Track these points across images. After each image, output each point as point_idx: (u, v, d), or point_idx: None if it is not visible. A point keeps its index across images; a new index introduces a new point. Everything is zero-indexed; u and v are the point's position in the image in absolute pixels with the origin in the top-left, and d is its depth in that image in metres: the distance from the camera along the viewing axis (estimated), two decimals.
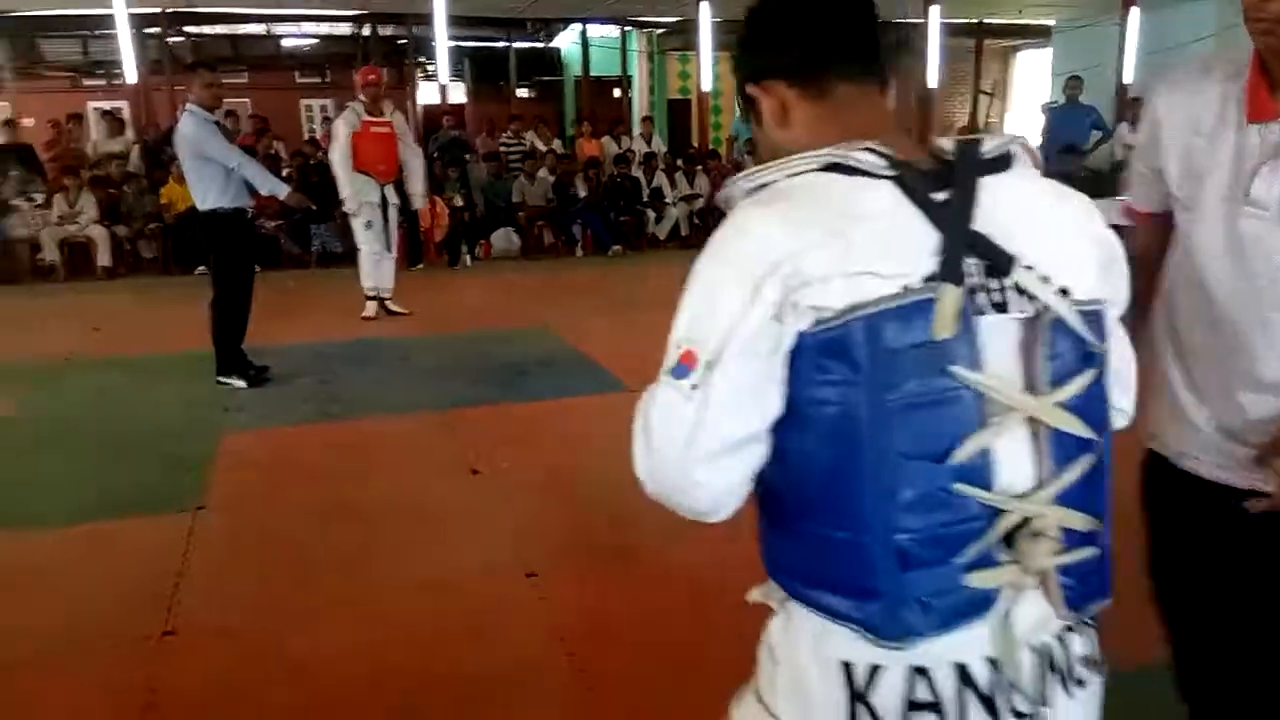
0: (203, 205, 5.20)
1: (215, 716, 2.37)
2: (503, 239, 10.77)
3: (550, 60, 20.04)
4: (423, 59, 16.90)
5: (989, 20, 17.00)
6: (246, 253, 5.56)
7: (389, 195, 6.99)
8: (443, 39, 11.84)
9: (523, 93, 19.42)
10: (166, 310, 7.68)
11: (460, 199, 10.18)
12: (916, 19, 13.01)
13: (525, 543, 3.29)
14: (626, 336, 5.32)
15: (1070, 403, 0.94)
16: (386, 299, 7.21)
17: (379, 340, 6.52)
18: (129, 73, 11.49)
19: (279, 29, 17.98)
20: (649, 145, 12.09)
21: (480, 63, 18.78)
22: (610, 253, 10.45)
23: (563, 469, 4.00)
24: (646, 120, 13.43)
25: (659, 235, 10.98)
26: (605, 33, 17.18)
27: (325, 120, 15.52)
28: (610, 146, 11.89)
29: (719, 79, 13.94)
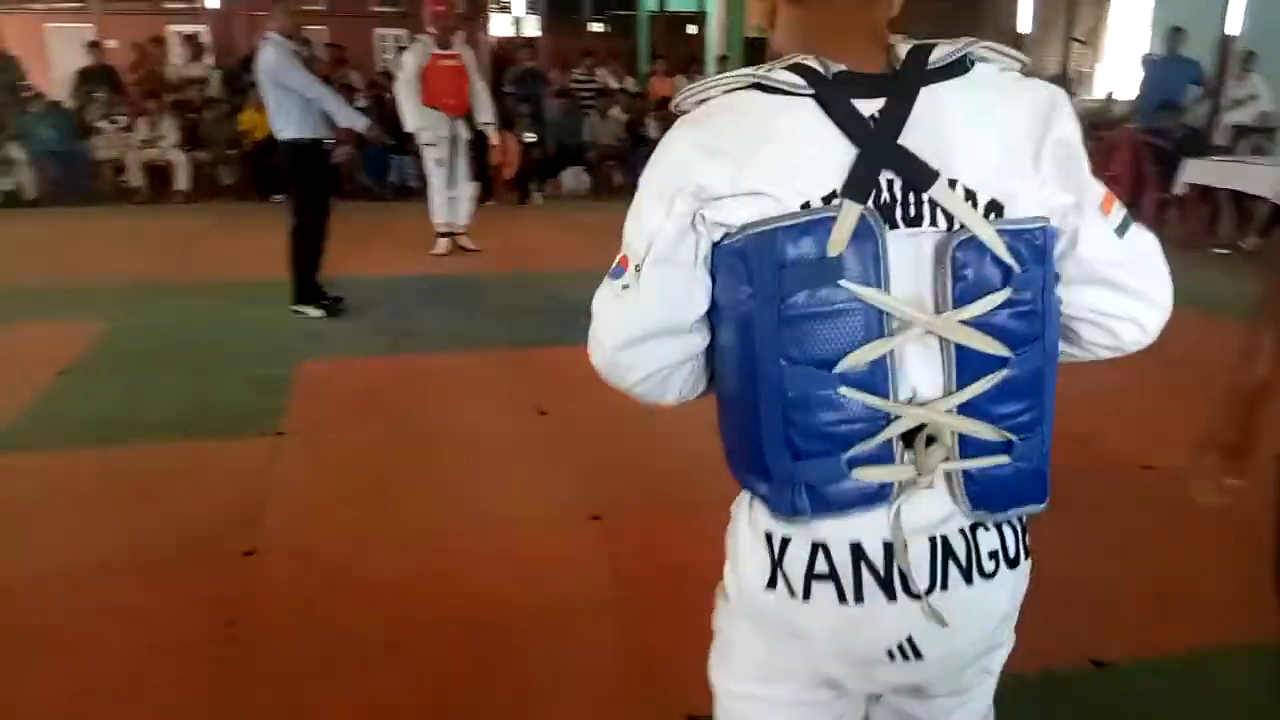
0: (281, 135, 5.26)
1: (294, 633, 2.48)
2: (572, 178, 10.76)
3: None
4: None
5: None
6: (323, 184, 5.63)
7: (458, 130, 6.97)
8: None
9: (596, 27, 19.18)
10: (244, 236, 7.87)
11: (532, 135, 10.16)
12: None
13: (590, 485, 3.34)
14: None
15: (978, 320, 0.96)
16: (460, 234, 7.24)
17: (449, 276, 6.61)
18: None
19: None
20: None
21: None
22: None
23: (628, 413, 3.99)
24: (722, 59, 13.18)
25: None
26: None
27: (398, 49, 15.54)
28: (683, 85, 11.70)
29: None
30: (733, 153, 0.96)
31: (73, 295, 5.96)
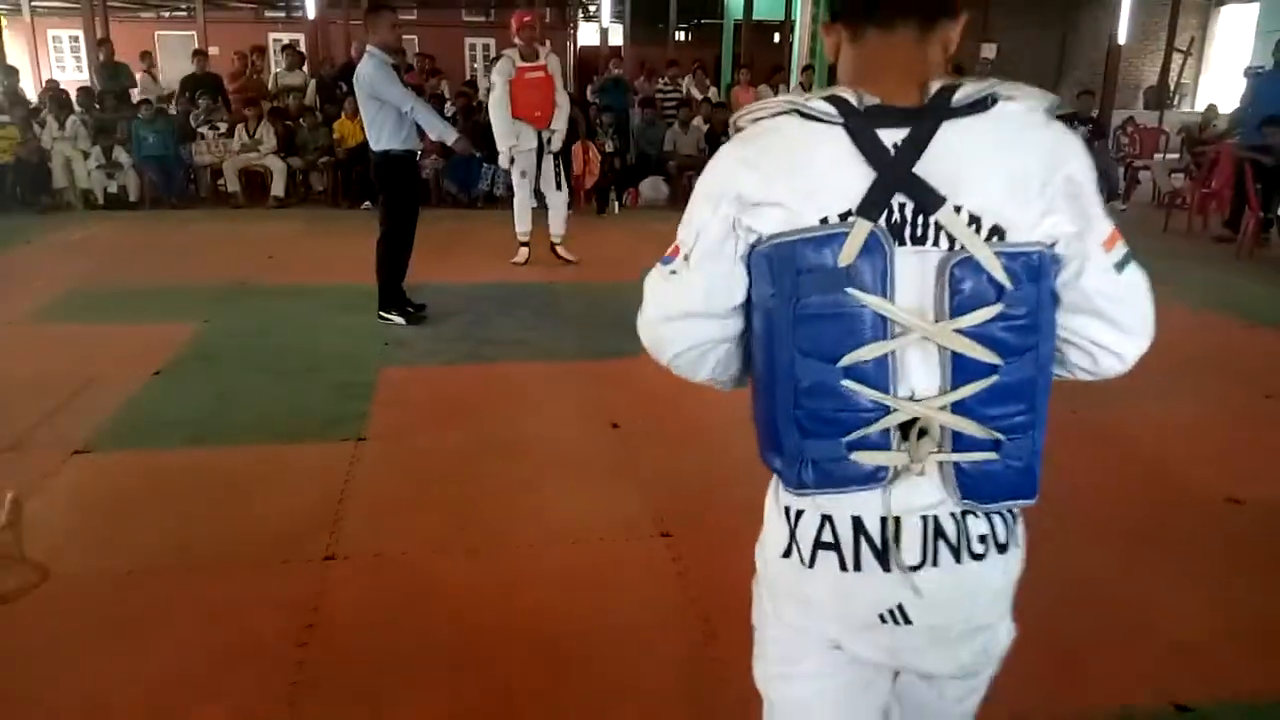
0: (376, 145, 5.39)
1: (371, 639, 2.54)
2: (651, 188, 10.79)
3: (712, 3, 19.71)
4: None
5: None
6: (413, 195, 5.77)
7: (545, 141, 6.96)
8: None
9: (680, 36, 19.21)
10: (333, 242, 8.10)
11: (612, 145, 10.22)
12: None
13: (660, 501, 3.35)
14: None
15: (971, 330, 1.10)
16: (557, 245, 7.27)
17: (528, 285, 6.70)
18: (310, 6, 11.99)
19: None
20: None
21: (640, 4, 18.66)
22: None
23: (701, 430, 4.04)
24: (807, 69, 13.05)
25: None
26: None
27: (486, 59, 15.82)
28: (768, 95, 11.66)
29: None
30: (766, 168, 1.14)
31: (169, 297, 6.22)
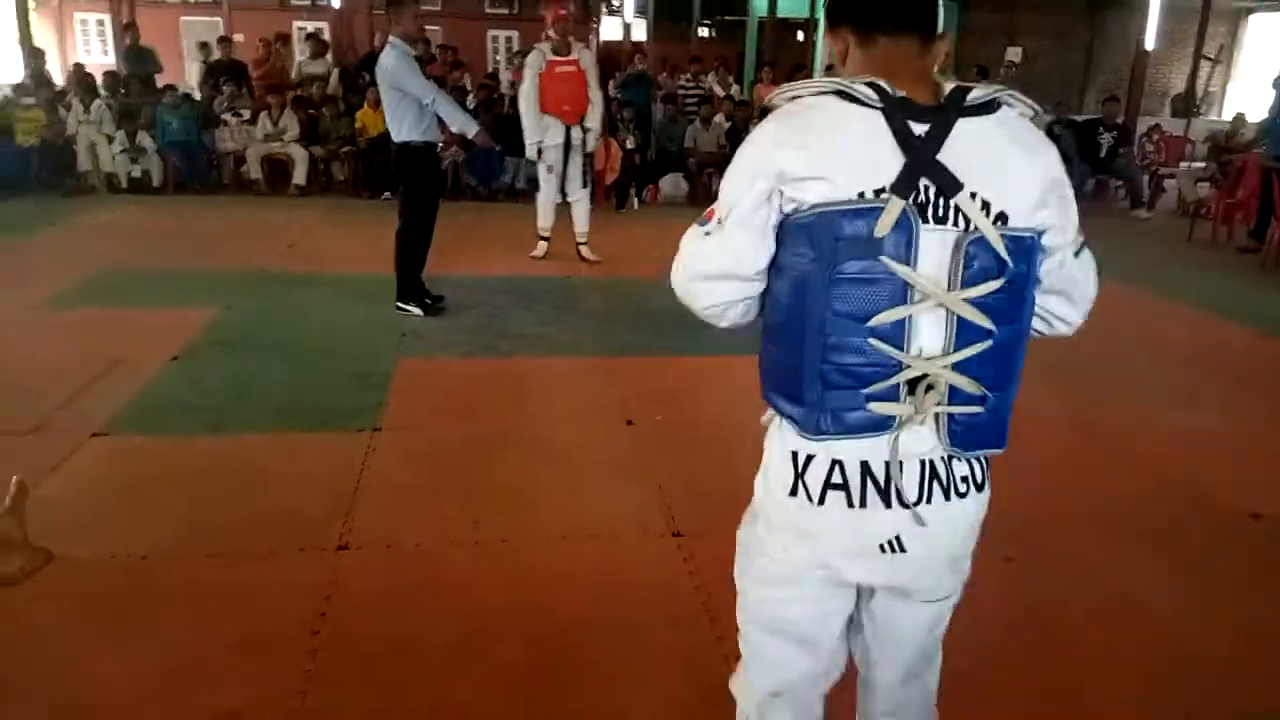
0: (397, 136, 5.40)
1: (381, 629, 2.55)
2: (670, 184, 10.77)
3: None
4: None
5: None
6: (434, 186, 5.78)
7: (574, 137, 6.82)
8: None
9: (704, 32, 19.15)
10: (353, 232, 8.13)
11: (633, 141, 10.20)
12: None
13: (674, 501, 3.35)
14: None
15: (977, 300, 1.26)
16: (580, 244, 7.21)
17: (546, 279, 6.70)
18: None
19: None
20: None
21: (663, 0, 18.62)
22: None
23: (716, 428, 4.03)
24: (829, 68, 13.02)
25: None
26: None
27: (509, 51, 15.83)
28: None
29: None
30: (811, 144, 1.26)
31: (189, 282, 6.26)
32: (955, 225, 1.25)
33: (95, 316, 5.44)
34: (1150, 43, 12.67)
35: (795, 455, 1.36)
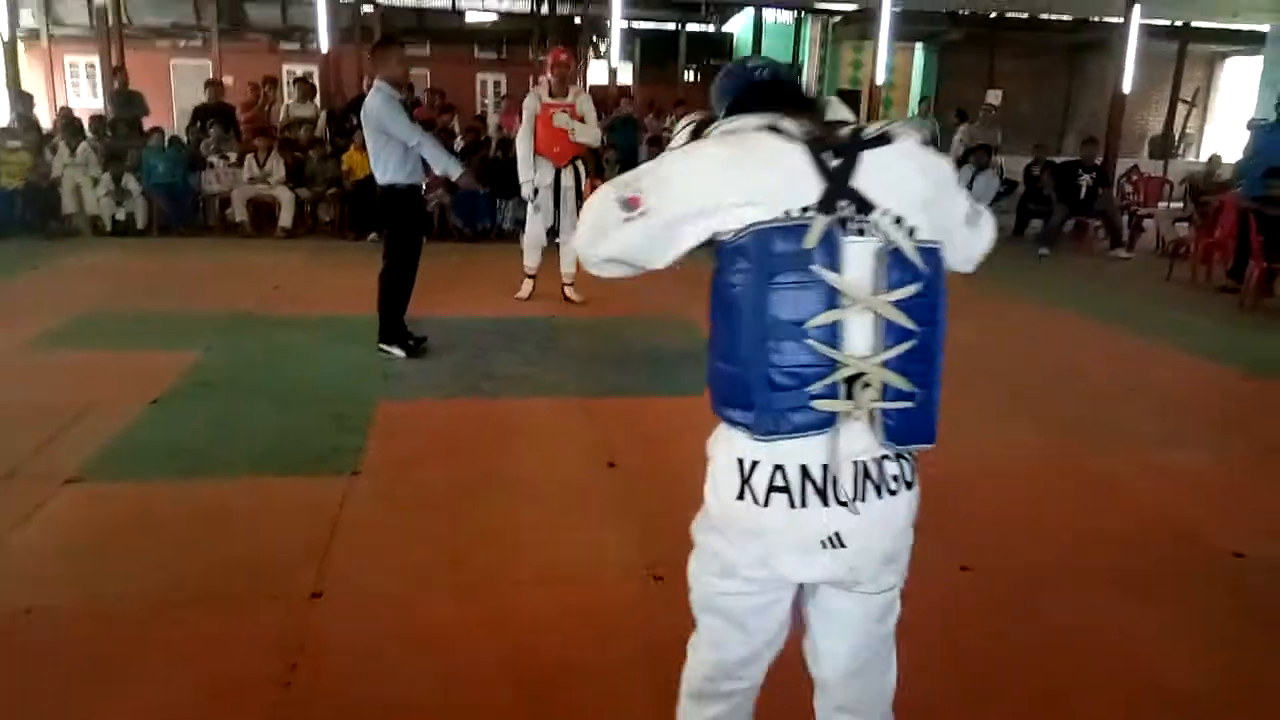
0: (381, 179, 5.42)
1: (356, 680, 2.50)
2: None
3: (720, 44, 19.94)
4: (595, 38, 17.11)
5: (1196, 23, 15.80)
6: (418, 227, 5.78)
7: (564, 178, 6.87)
8: (617, 19, 11.97)
9: (689, 76, 19.40)
10: (338, 273, 8.12)
11: None
12: (1115, 18, 12.22)
13: (655, 544, 3.31)
14: None
15: (899, 303, 1.41)
16: (566, 285, 7.22)
17: (530, 319, 6.70)
18: (324, 40, 12.09)
19: (463, 2, 18.60)
20: None
21: (648, 45, 18.88)
22: None
23: (698, 472, 3.99)
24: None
25: None
26: (780, 18, 16.93)
27: (497, 95, 15.98)
28: None
29: (893, 70, 13.52)
30: (748, 170, 1.44)
31: (172, 324, 6.23)
32: (873, 238, 1.42)
33: (76, 359, 5.40)
34: (1128, 86, 12.91)
35: (741, 462, 1.48)
